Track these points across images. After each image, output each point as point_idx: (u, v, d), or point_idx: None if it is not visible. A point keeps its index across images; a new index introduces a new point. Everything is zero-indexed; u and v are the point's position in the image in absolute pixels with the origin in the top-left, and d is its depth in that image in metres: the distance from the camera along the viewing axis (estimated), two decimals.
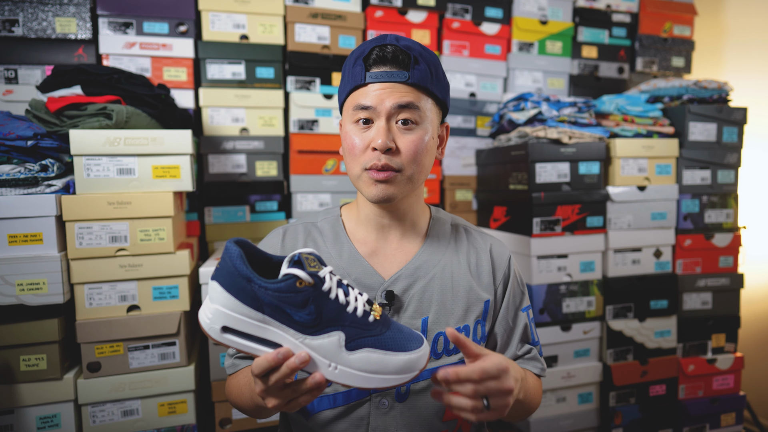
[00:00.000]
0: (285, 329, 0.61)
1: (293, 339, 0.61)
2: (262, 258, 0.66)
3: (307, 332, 0.61)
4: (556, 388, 1.66)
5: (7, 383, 1.13)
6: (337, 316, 0.62)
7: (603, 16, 2.06)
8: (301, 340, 0.62)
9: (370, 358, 0.63)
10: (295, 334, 0.61)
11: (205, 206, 1.68)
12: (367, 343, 0.63)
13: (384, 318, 0.67)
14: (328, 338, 0.62)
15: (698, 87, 1.77)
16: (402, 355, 0.64)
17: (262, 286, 0.60)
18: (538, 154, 1.59)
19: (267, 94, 1.68)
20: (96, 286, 1.19)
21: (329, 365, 0.62)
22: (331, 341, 0.62)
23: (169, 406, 1.24)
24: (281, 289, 0.60)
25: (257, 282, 0.60)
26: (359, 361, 0.62)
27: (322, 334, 0.62)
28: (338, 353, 0.62)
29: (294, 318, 0.61)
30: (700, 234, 1.76)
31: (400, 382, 0.64)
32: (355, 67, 0.81)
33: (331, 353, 0.62)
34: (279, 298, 0.60)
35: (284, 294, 0.60)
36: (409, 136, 0.80)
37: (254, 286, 0.60)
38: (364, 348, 0.63)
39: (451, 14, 1.89)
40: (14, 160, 1.15)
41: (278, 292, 0.60)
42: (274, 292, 0.60)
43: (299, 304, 0.61)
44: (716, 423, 1.79)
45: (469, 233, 0.94)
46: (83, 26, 1.51)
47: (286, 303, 0.60)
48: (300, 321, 0.61)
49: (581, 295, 1.66)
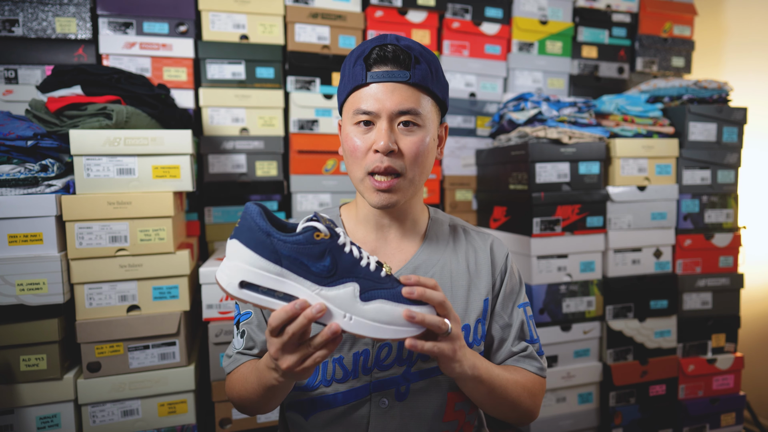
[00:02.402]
0: (302, 281, 0.63)
1: (309, 291, 0.63)
2: (277, 223, 0.68)
3: (323, 283, 0.64)
4: (556, 388, 1.66)
5: (7, 383, 1.13)
6: (351, 268, 0.65)
7: (603, 16, 2.07)
8: (317, 291, 0.63)
9: (383, 309, 0.64)
10: (311, 286, 0.63)
11: (205, 206, 1.68)
12: (381, 294, 0.65)
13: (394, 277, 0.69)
14: (344, 288, 0.64)
15: (698, 87, 1.77)
16: (415, 308, 0.65)
17: (281, 239, 0.62)
18: (538, 154, 1.59)
19: (267, 94, 1.68)
20: (96, 286, 1.19)
21: (344, 315, 0.64)
22: (347, 291, 0.64)
23: (169, 406, 1.24)
24: (300, 241, 0.62)
25: (276, 236, 0.62)
26: (373, 311, 0.64)
27: (338, 285, 0.64)
28: (353, 303, 0.64)
29: (311, 269, 0.63)
30: (700, 234, 1.76)
31: (411, 334, 0.66)
32: (355, 67, 0.80)
33: (347, 303, 0.64)
34: (297, 250, 0.62)
35: (303, 246, 0.62)
36: (411, 138, 0.80)
37: (273, 239, 0.62)
38: (378, 299, 0.65)
39: (451, 14, 1.89)
40: (14, 160, 1.15)
41: (297, 244, 0.62)
42: (293, 245, 0.62)
43: (317, 256, 0.63)
44: (716, 423, 1.79)
45: (468, 233, 0.94)
46: (83, 26, 1.52)
47: (304, 255, 0.63)
48: (317, 272, 0.63)
49: (581, 295, 1.66)
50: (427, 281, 0.68)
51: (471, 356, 0.74)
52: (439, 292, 0.67)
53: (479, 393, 0.78)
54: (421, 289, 0.65)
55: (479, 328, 0.87)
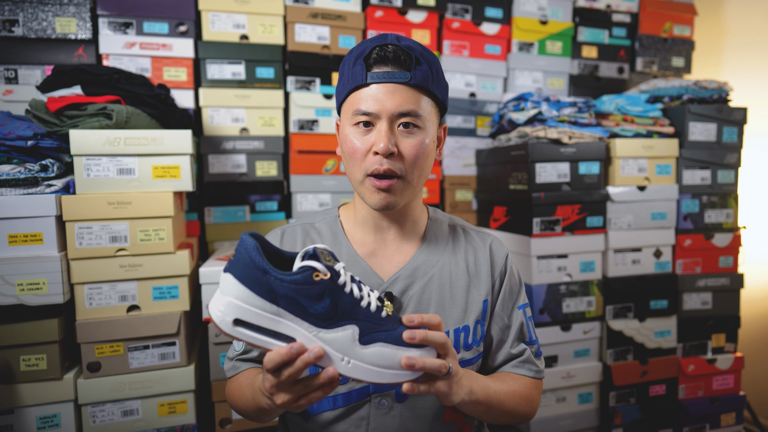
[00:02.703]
0: (299, 322, 0.61)
1: (306, 332, 0.61)
2: (274, 252, 0.66)
3: (321, 325, 0.61)
4: (556, 388, 1.66)
5: (7, 383, 1.13)
6: (351, 309, 0.62)
7: (603, 16, 2.06)
8: (314, 333, 0.61)
9: (383, 353, 0.62)
10: (309, 327, 0.61)
11: (205, 206, 1.68)
12: (381, 338, 0.63)
13: (395, 315, 0.67)
14: (343, 332, 0.62)
15: (698, 87, 1.77)
16: (414, 351, 0.64)
17: (278, 278, 0.59)
18: (538, 154, 1.59)
19: (267, 94, 1.68)
20: (96, 286, 1.19)
21: (342, 359, 0.62)
22: (345, 335, 0.62)
23: (169, 406, 1.24)
24: (298, 281, 0.60)
25: (273, 274, 0.59)
26: (372, 355, 0.62)
27: (336, 328, 0.61)
28: (352, 347, 0.62)
29: (309, 311, 0.60)
30: (700, 234, 1.76)
31: (411, 378, 0.64)
32: (355, 67, 0.80)
33: (345, 347, 0.62)
34: (295, 291, 0.60)
35: (301, 286, 0.60)
36: (411, 140, 0.79)
37: (270, 278, 0.59)
38: (377, 342, 0.62)
39: (451, 14, 1.89)
40: (14, 160, 1.15)
41: (295, 284, 0.60)
42: (291, 284, 0.59)
43: (315, 297, 0.60)
44: (716, 423, 1.79)
45: (468, 233, 0.94)
46: (83, 26, 1.51)
47: (302, 295, 0.60)
48: (315, 314, 0.61)
49: (581, 295, 1.66)
50: (431, 319, 0.66)
51: (467, 382, 0.73)
52: (441, 332, 0.66)
53: (477, 412, 0.79)
54: (423, 333, 0.64)
55: (478, 329, 0.86)
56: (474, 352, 0.85)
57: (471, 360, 0.85)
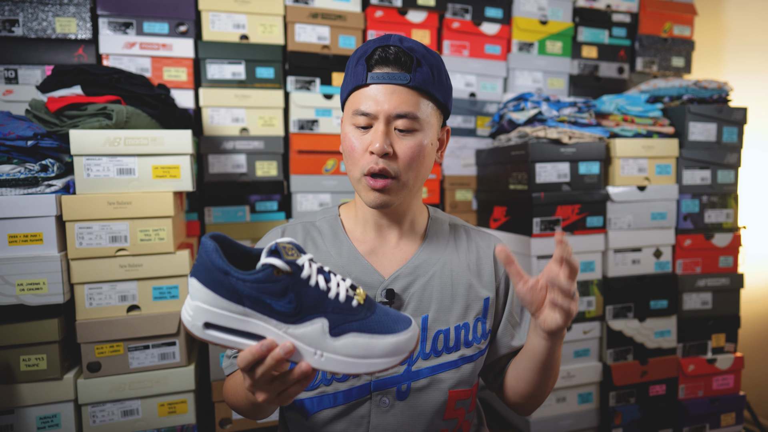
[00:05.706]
0: (267, 320, 0.61)
1: (276, 330, 0.61)
2: (241, 252, 0.65)
3: (289, 321, 0.61)
4: (556, 388, 1.66)
5: (7, 383, 1.13)
6: (318, 302, 0.62)
7: (603, 16, 2.06)
8: (284, 330, 0.61)
9: (356, 343, 0.62)
10: (277, 324, 0.61)
11: (205, 206, 1.68)
12: (353, 327, 0.62)
13: (369, 302, 0.66)
14: (311, 326, 0.61)
15: (698, 87, 1.77)
16: (389, 338, 0.63)
17: (240, 278, 0.59)
18: (538, 154, 1.59)
19: (267, 94, 1.68)
20: (96, 286, 1.19)
21: (315, 353, 0.61)
22: (315, 329, 0.61)
23: (169, 406, 1.24)
24: (259, 279, 0.59)
25: (235, 275, 0.59)
26: (345, 346, 0.62)
27: (305, 322, 0.61)
28: (323, 340, 0.61)
29: (274, 308, 0.60)
30: (700, 234, 1.76)
31: (389, 366, 0.63)
32: (357, 67, 0.80)
33: (316, 341, 0.61)
34: (258, 289, 0.59)
35: (262, 284, 0.59)
36: (407, 142, 0.80)
37: (232, 279, 0.59)
38: (349, 333, 0.62)
39: (451, 14, 1.89)
40: (14, 160, 1.15)
41: (256, 282, 0.59)
42: (253, 284, 0.59)
43: (278, 294, 0.60)
44: (716, 423, 1.79)
45: (469, 233, 0.95)
46: (83, 26, 1.51)
47: (266, 293, 0.60)
48: (281, 310, 0.60)
49: (581, 295, 1.66)
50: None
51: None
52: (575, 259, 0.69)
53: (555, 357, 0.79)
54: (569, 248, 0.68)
55: (479, 327, 0.87)
56: (474, 349, 0.86)
57: (471, 357, 0.86)
